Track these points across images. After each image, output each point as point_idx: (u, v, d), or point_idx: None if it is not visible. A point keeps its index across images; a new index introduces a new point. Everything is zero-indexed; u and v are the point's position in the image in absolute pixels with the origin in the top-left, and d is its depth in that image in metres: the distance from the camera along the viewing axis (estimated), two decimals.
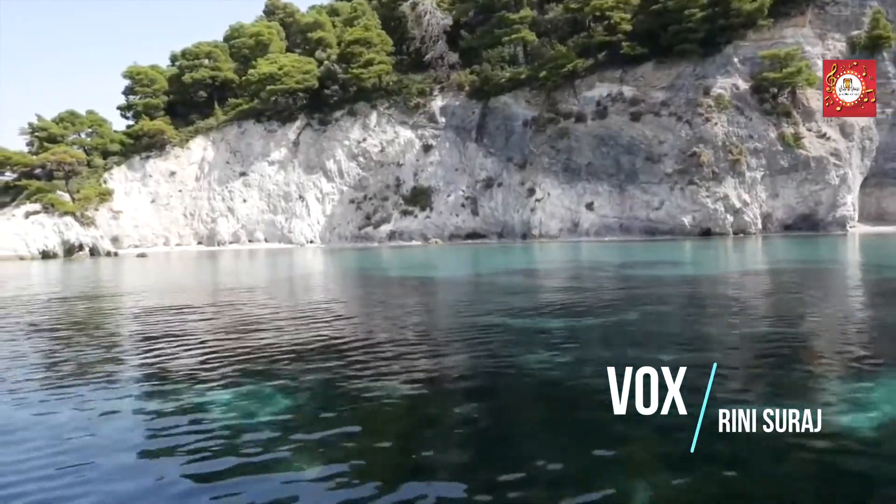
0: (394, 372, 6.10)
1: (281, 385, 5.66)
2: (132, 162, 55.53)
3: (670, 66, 48.07)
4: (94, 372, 6.54)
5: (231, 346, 7.91)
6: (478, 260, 27.47)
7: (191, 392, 5.55)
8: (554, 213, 48.99)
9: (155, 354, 7.50)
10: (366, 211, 54.92)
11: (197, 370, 6.46)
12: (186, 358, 7.15)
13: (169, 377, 6.23)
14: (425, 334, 8.54)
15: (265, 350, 7.44)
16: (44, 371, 6.87)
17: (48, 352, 8.10)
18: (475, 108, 54.48)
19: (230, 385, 5.69)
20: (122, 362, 7.20)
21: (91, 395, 5.56)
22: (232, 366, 6.53)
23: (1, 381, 6.16)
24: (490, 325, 8.62)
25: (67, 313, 12.25)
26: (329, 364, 6.52)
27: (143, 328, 9.87)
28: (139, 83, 57.68)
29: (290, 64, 54.30)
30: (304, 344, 7.73)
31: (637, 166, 47.33)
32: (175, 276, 24.01)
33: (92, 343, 8.57)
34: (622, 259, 24.22)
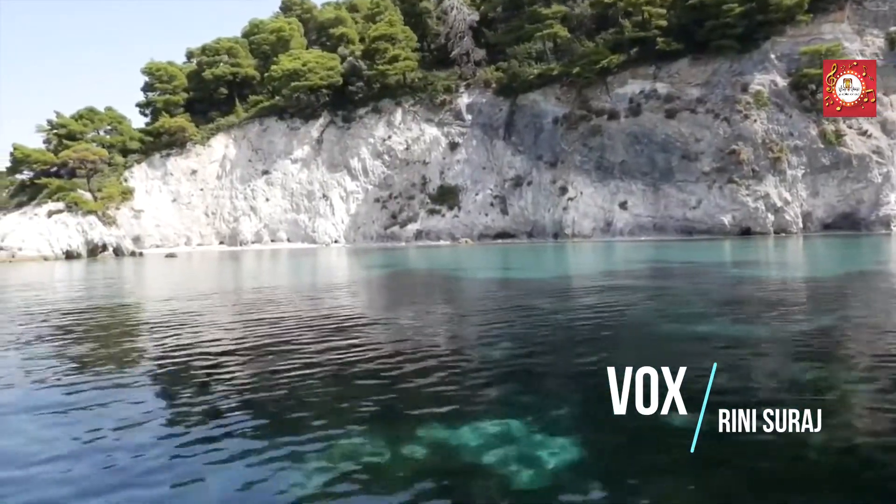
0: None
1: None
2: (153, 160, 54.41)
3: (706, 62, 47.12)
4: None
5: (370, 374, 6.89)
6: (538, 261, 26.31)
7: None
8: (587, 213, 48.03)
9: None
10: (391, 210, 53.88)
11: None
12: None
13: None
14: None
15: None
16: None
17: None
18: (502, 106, 53.49)
19: (374, 422, 4.66)
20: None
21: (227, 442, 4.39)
22: (366, 403, 5.25)
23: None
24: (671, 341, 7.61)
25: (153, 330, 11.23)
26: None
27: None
28: (159, 79, 56.53)
29: (314, 60, 53.24)
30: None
31: (673, 164, 46.40)
32: (232, 280, 22.94)
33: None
34: (707, 258, 23.15)
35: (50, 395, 5.53)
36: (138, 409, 5.02)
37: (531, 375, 5.95)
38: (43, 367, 6.61)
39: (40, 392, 5.68)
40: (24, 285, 19.87)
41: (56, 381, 6.01)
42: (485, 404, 5.00)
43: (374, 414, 4.80)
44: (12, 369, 6.61)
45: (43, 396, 5.50)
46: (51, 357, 7.19)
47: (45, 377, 6.17)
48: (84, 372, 6.38)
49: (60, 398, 5.36)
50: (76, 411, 5.00)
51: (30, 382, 6.07)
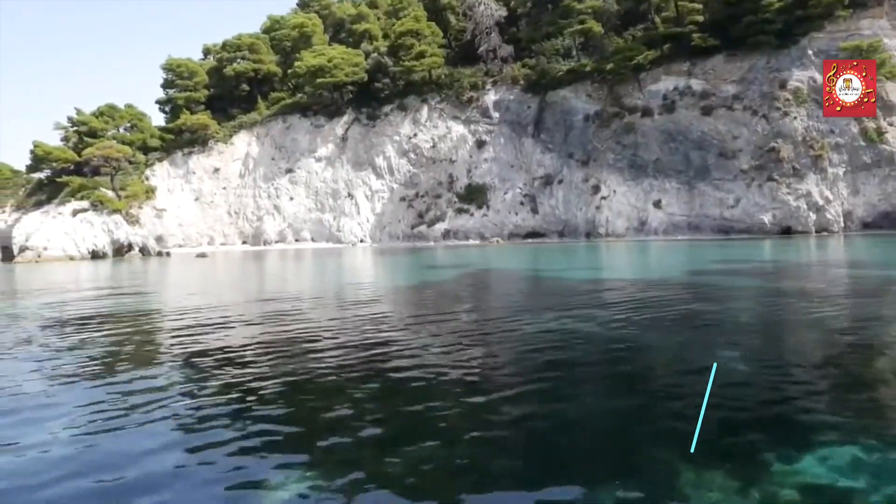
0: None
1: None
2: (174, 158, 53.39)
3: (742, 58, 46.30)
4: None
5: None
6: (607, 259, 25.23)
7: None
8: (620, 212, 47.20)
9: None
10: (418, 209, 52.96)
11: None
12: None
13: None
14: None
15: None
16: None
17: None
18: (531, 103, 52.61)
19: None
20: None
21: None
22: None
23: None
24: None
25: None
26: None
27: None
28: (179, 76, 55.47)
29: (339, 56, 52.28)
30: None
31: (709, 162, 45.60)
32: (295, 281, 21.95)
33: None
34: (790, 257, 22.28)
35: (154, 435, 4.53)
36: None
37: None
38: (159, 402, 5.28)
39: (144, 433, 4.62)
40: (69, 289, 18.87)
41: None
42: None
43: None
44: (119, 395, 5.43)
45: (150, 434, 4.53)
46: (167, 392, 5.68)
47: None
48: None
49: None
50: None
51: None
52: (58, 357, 7.22)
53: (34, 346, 8.02)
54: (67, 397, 5.45)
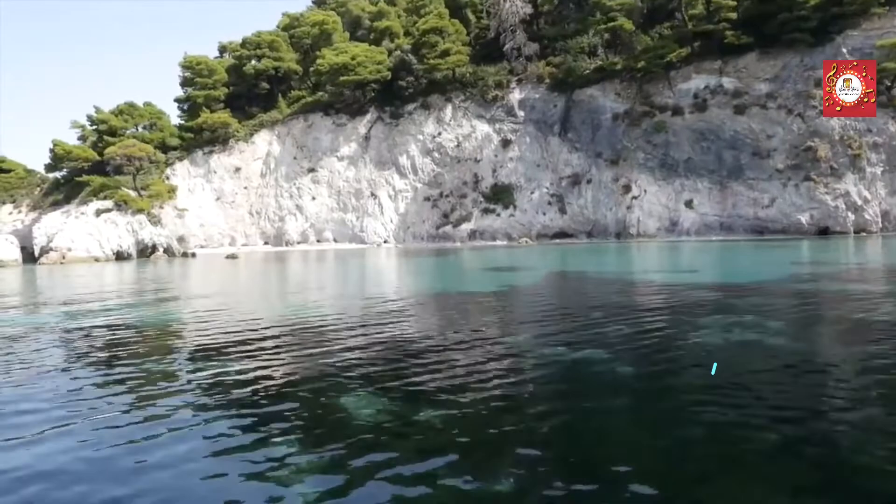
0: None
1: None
2: (195, 157, 52.48)
3: (775, 56, 45.63)
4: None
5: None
6: (672, 263, 24.25)
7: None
8: (651, 212, 46.49)
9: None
10: (442, 209, 52.14)
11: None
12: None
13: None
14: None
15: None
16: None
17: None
18: (557, 101, 51.84)
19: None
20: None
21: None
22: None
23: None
24: None
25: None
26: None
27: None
28: (199, 74, 54.48)
29: (363, 54, 51.42)
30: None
31: (742, 162, 44.93)
32: (359, 285, 21.11)
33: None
34: (858, 259, 21.58)
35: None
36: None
37: None
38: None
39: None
40: (122, 293, 18.01)
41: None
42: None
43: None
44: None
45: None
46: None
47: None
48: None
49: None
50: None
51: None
52: (198, 389, 6.41)
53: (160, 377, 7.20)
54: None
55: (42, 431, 4.72)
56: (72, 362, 7.59)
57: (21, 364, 7.43)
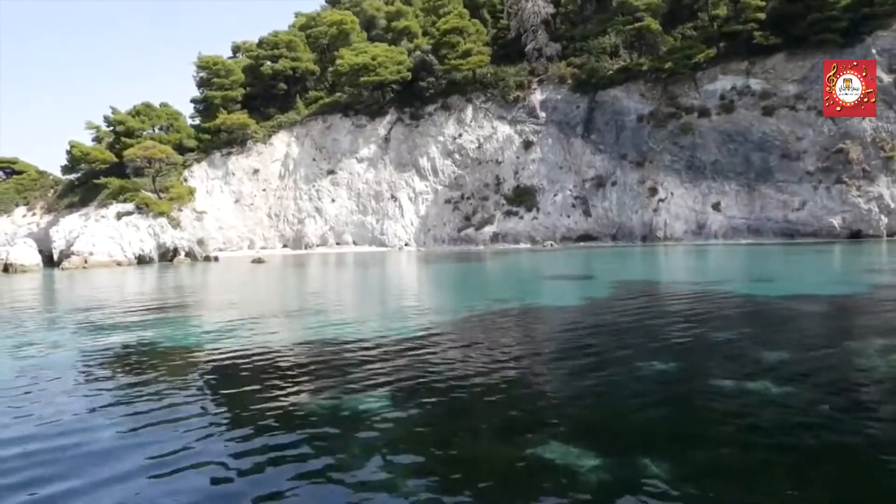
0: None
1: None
2: (212, 158, 51.74)
3: (804, 56, 45.08)
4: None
5: None
6: (746, 271, 23.00)
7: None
8: (678, 214, 45.93)
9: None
10: (464, 212, 51.50)
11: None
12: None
13: None
14: None
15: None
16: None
17: None
18: (580, 103, 51.23)
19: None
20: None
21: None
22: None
23: None
24: None
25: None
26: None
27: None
28: (216, 74, 53.69)
29: (383, 54, 50.73)
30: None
31: (771, 164, 44.39)
32: (438, 293, 20.42)
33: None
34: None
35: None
36: None
37: None
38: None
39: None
40: (181, 304, 17.31)
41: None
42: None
43: None
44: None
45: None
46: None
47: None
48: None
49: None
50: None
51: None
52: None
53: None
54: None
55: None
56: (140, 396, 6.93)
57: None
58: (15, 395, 7.07)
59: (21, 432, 5.70)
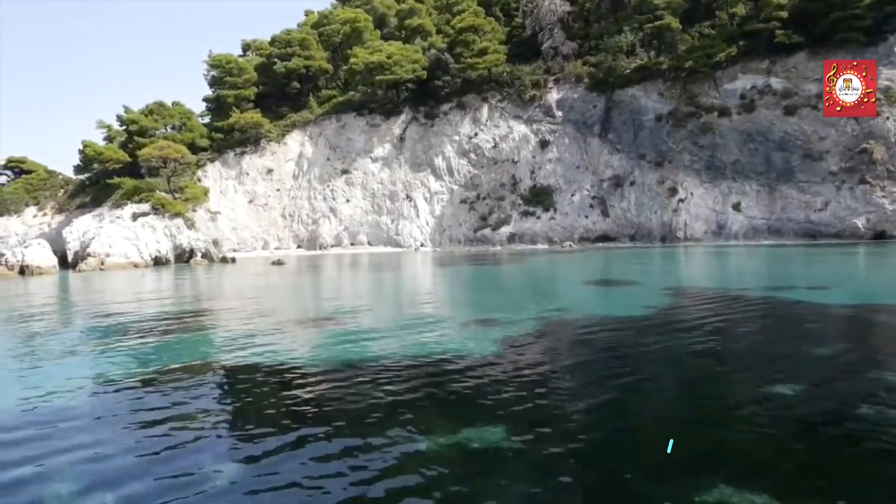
0: None
1: None
2: (226, 158, 51.20)
3: (825, 55, 44.45)
4: None
5: None
6: (817, 275, 21.97)
7: None
8: (698, 215, 45.49)
9: None
10: (480, 212, 51.02)
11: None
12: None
13: None
14: None
15: None
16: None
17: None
18: (596, 102, 50.75)
19: None
20: None
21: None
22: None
23: None
24: None
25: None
26: None
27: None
28: (228, 73, 53.12)
29: (399, 53, 50.18)
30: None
31: (793, 164, 43.95)
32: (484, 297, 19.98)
33: None
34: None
35: None
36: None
37: None
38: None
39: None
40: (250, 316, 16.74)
41: None
42: None
43: None
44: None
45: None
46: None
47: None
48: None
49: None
50: None
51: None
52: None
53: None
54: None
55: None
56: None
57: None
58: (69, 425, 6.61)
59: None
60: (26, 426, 6.64)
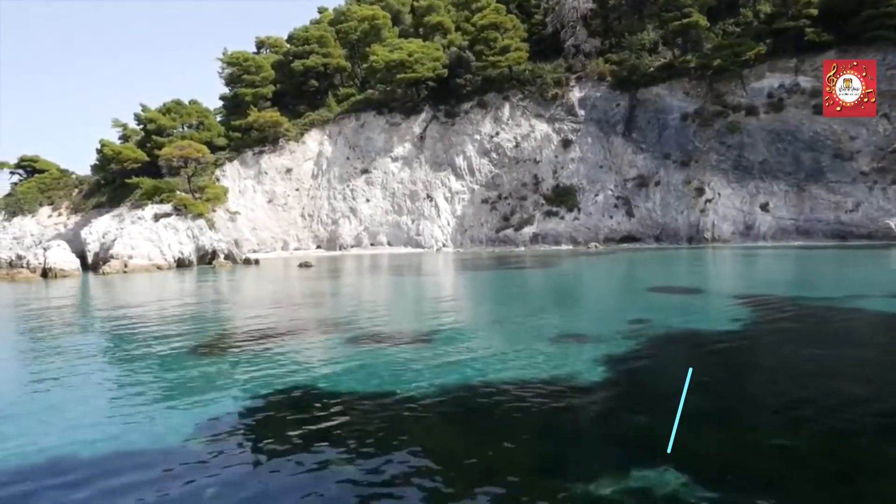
0: None
1: None
2: (244, 157, 50.45)
3: (855, 54, 43.84)
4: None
5: None
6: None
7: None
8: (726, 215, 44.92)
9: None
10: (502, 212, 50.38)
11: None
12: None
13: None
14: None
15: None
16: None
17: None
18: (620, 100, 50.10)
19: None
20: None
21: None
22: None
23: None
24: None
25: None
26: None
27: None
28: (246, 71, 52.31)
29: (420, 50, 49.45)
30: None
31: (823, 164, 43.40)
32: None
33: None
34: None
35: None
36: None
37: None
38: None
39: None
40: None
41: None
42: None
43: None
44: None
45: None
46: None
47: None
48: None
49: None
50: None
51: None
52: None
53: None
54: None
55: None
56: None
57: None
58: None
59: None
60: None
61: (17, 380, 10.50)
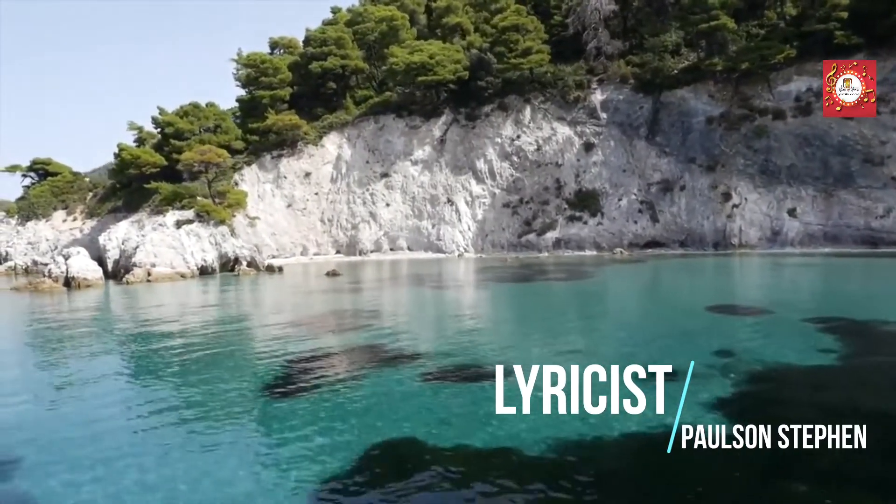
0: None
1: None
2: (263, 161, 49.75)
3: (885, 57, 43.32)
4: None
5: None
6: None
7: None
8: (753, 221, 44.39)
9: None
10: (523, 216, 49.80)
11: None
12: None
13: None
14: None
15: None
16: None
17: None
18: (643, 103, 49.48)
19: None
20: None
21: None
22: None
23: None
24: None
25: None
26: None
27: None
28: (263, 73, 51.54)
29: (441, 52, 48.75)
30: None
31: (852, 169, 42.85)
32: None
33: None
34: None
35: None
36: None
37: None
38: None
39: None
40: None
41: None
42: None
43: None
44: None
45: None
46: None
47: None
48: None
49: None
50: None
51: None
52: None
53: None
54: None
55: None
56: None
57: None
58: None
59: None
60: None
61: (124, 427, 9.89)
